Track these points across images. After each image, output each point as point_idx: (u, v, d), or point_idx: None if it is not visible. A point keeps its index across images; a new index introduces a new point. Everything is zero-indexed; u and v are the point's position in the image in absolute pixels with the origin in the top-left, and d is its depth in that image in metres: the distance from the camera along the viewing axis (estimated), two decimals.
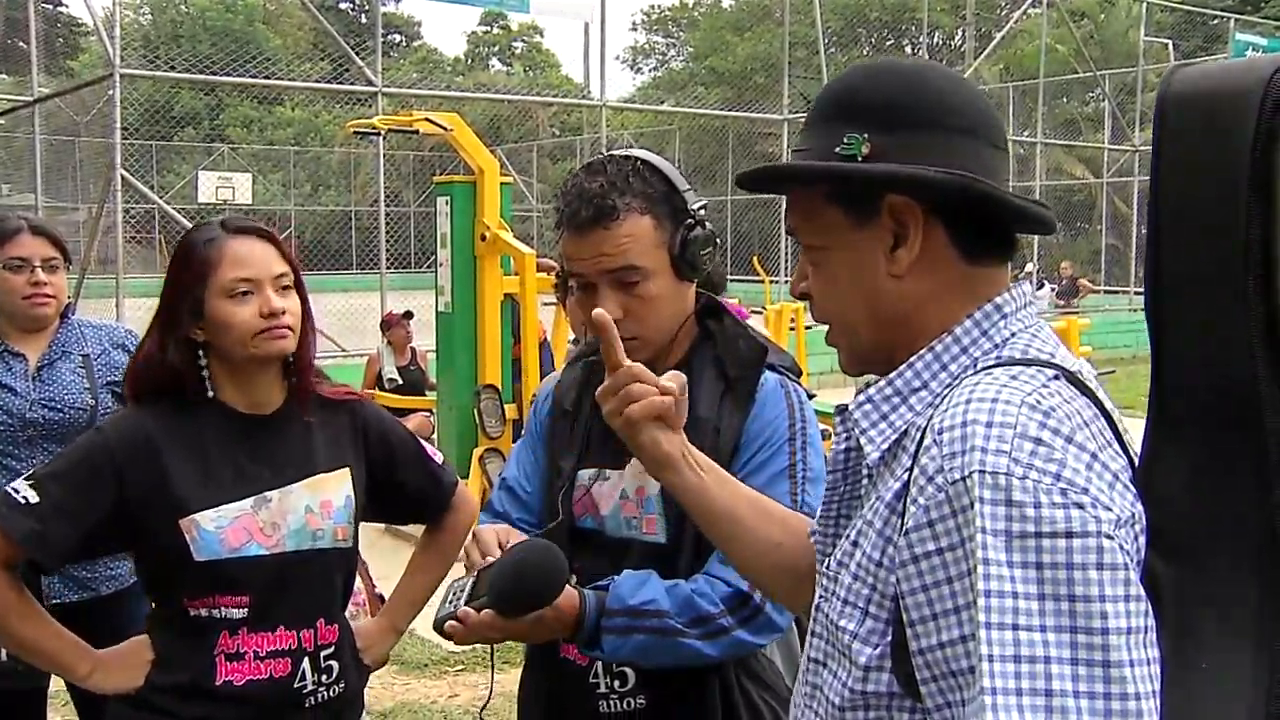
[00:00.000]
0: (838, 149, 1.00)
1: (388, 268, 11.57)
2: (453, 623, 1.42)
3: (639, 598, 1.47)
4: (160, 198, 12.76)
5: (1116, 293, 19.25)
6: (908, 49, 30.41)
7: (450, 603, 1.45)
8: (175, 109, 26.11)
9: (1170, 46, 20.41)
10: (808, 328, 9.53)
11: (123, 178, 9.36)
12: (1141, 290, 0.96)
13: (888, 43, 30.66)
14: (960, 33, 25.24)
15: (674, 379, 1.26)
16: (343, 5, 35.55)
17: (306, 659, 1.76)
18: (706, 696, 1.57)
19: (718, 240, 1.63)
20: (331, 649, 1.80)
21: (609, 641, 1.47)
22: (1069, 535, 0.79)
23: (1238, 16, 21.48)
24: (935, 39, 28.22)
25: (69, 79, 21.83)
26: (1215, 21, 23.71)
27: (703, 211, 1.60)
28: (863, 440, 1.00)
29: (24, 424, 2.49)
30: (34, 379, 2.54)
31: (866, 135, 0.99)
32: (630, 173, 1.57)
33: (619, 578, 1.51)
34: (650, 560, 1.57)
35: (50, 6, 25.23)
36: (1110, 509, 0.81)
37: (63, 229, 2.74)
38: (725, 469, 1.52)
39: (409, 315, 8.06)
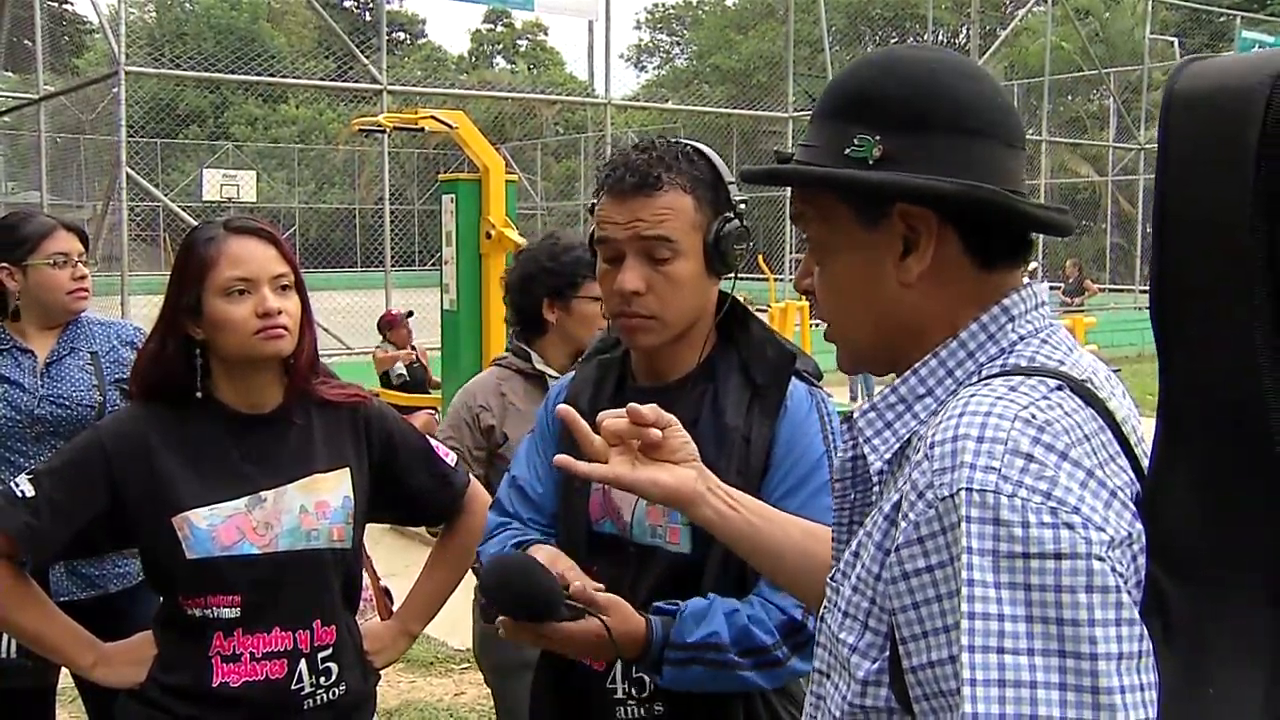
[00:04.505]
0: (848, 150, 0.95)
1: (392, 265, 11.59)
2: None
3: (700, 633, 1.45)
4: (165, 195, 12.77)
5: (1121, 291, 19.21)
6: None
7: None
8: (180, 107, 26.13)
9: (1176, 44, 20.37)
10: (812, 326, 9.54)
11: (128, 175, 9.40)
12: (1146, 289, 0.93)
13: (892, 40, 30.60)
14: (964, 30, 25.20)
15: (651, 410, 1.27)
16: (347, 3, 35.56)
17: (303, 660, 1.75)
18: (728, 704, 1.54)
19: (750, 240, 1.60)
20: (329, 650, 1.78)
21: (669, 672, 1.46)
22: (1058, 556, 0.76)
23: (1243, 14, 21.45)
24: (939, 37, 28.17)
25: (74, 77, 21.81)
26: (1221, 19, 23.67)
27: (743, 206, 1.58)
28: (866, 449, 0.97)
29: (32, 420, 2.50)
30: (42, 375, 2.55)
31: (879, 137, 0.94)
32: (680, 153, 1.56)
33: (686, 610, 1.47)
34: (675, 571, 1.54)
35: (56, 4, 25.23)
36: (1103, 529, 0.78)
37: None
38: (759, 478, 1.52)
39: (409, 315, 8.09)
